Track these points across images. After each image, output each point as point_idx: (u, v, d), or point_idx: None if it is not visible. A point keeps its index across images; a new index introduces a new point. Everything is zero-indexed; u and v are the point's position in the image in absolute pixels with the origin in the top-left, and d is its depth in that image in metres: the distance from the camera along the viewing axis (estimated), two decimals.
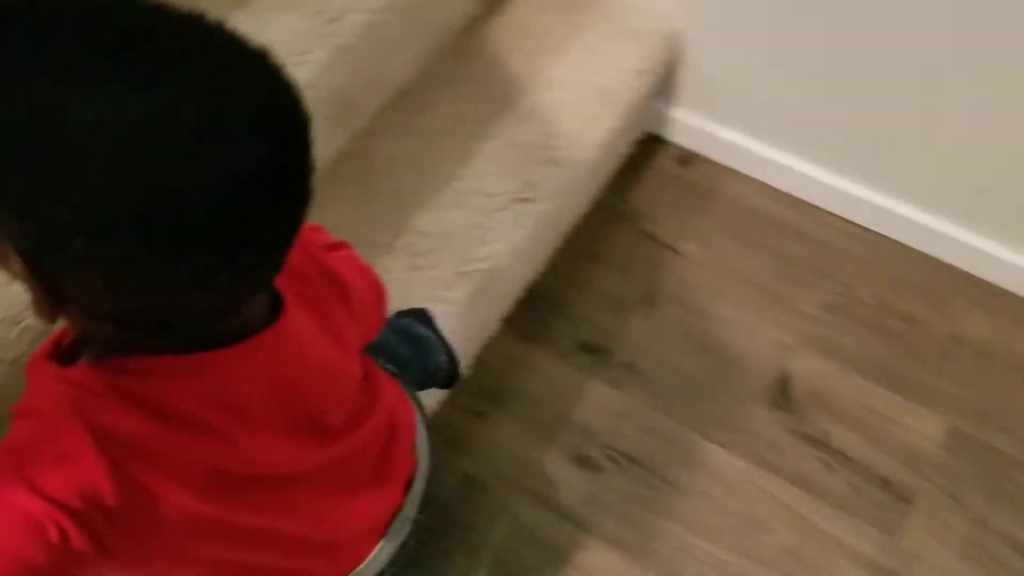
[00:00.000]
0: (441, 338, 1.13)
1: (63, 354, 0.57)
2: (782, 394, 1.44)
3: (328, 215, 1.26)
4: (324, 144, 1.32)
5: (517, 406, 1.42)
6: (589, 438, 1.39)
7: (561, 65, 1.46)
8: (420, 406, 0.94)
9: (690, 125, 1.67)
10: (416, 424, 0.88)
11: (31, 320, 0.86)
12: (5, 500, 0.50)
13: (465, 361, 1.41)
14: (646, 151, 1.71)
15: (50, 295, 0.50)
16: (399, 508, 0.82)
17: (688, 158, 1.71)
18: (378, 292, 0.84)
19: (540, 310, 1.51)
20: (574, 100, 1.42)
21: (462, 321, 1.23)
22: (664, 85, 1.60)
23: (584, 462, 1.37)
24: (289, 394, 0.62)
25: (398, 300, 1.20)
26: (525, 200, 1.31)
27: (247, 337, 0.58)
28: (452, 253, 1.26)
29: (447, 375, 1.15)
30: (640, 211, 1.64)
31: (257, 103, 0.48)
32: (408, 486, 0.84)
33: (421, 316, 1.14)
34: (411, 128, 1.38)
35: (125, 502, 0.52)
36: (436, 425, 1.38)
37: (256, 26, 1.13)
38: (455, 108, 1.40)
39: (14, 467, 0.51)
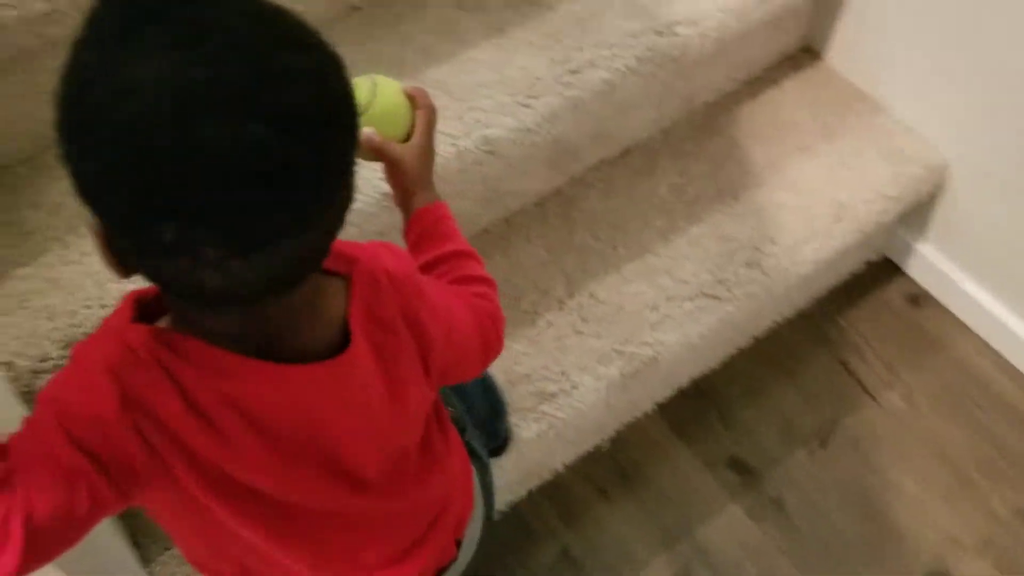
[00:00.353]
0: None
1: (146, 307, 0.58)
2: None
3: (520, 251, 1.26)
4: (535, 182, 1.33)
5: (644, 497, 1.35)
6: (705, 561, 1.28)
7: (803, 167, 1.35)
8: (485, 472, 0.90)
9: (932, 264, 1.50)
10: (470, 516, 0.84)
11: None
12: (46, 447, 0.53)
13: (605, 436, 1.36)
14: (876, 275, 1.55)
15: (110, 252, 0.52)
16: None
17: (920, 298, 1.53)
18: (485, 344, 0.77)
19: (701, 407, 1.42)
20: (805, 208, 1.31)
21: (605, 399, 1.17)
22: (914, 213, 1.45)
23: None
24: (320, 430, 0.61)
25: (545, 357, 1.18)
26: (714, 297, 1.23)
27: (304, 362, 0.58)
28: (619, 328, 1.20)
29: (501, 445, 1.12)
30: (849, 340, 1.49)
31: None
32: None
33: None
34: (624, 188, 1.34)
35: (144, 459, 0.54)
36: (555, 488, 1.34)
37: (499, 60, 1.15)
38: (675, 180, 1.34)
39: (54, 413, 0.53)
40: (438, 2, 1.22)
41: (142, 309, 0.58)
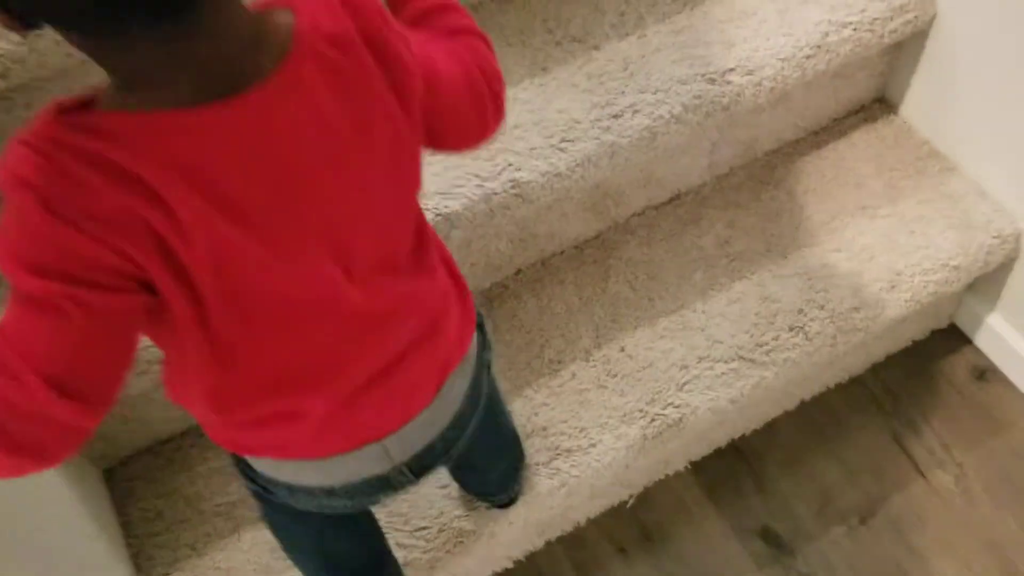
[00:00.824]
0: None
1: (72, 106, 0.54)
2: None
3: (551, 296, 1.22)
4: (574, 225, 1.28)
5: (664, 560, 1.29)
6: None
7: (861, 227, 1.27)
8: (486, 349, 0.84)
9: (1002, 337, 1.39)
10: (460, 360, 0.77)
11: None
12: (13, 298, 0.53)
13: (631, 491, 1.31)
14: (941, 343, 1.45)
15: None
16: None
17: (987, 373, 1.42)
18: (476, 99, 0.68)
19: (737, 470, 1.35)
20: (857, 273, 1.23)
21: (624, 460, 1.12)
22: (983, 282, 1.35)
23: None
24: (278, 176, 0.56)
25: (565, 410, 1.13)
26: (750, 361, 1.16)
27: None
28: (646, 386, 1.15)
29: (509, 501, 1.07)
30: (904, 411, 1.40)
31: None
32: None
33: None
34: (668, 237, 1.28)
35: (112, 257, 0.53)
36: (574, 540, 1.29)
37: (539, 100, 1.12)
38: (723, 232, 1.28)
39: (7, 251, 0.53)
40: None
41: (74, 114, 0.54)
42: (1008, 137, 1.23)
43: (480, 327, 0.83)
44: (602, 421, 1.13)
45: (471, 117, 0.70)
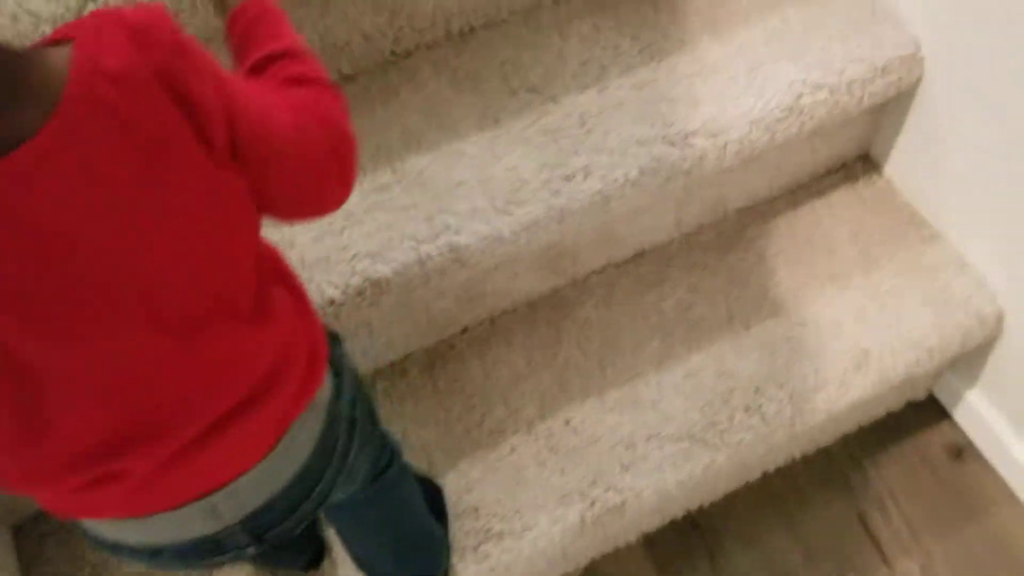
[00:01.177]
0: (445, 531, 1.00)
1: None
2: None
3: (498, 358, 1.15)
4: (526, 283, 1.21)
5: None
6: None
7: (831, 298, 1.19)
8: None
9: (982, 416, 1.31)
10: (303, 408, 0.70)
11: None
12: None
13: (577, 564, 1.24)
14: (917, 415, 1.37)
15: None
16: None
17: (964, 451, 1.34)
18: (305, 149, 0.61)
19: (692, 545, 1.28)
20: (823, 349, 1.15)
21: (559, 544, 1.05)
22: (966, 357, 1.27)
23: None
24: (46, 250, 0.50)
25: (500, 489, 1.06)
26: (701, 442, 1.09)
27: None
28: (588, 465, 1.08)
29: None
30: (872, 488, 1.32)
31: None
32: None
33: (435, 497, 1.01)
34: (626, 298, 1.21)
35: None
36: None
37: (487, 156, 1.04)
38: (684, 295, 1.20)
39: None
40: (436, 80, 1.12)
41: None
42: (995, 207, 1.15)
43: (337, 373, 0.75)
44: (539, 503, 1.05)
45: (306, 179, 0.62)
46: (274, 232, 0.83)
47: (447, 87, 1.11)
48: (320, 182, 0.63)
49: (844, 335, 1.15)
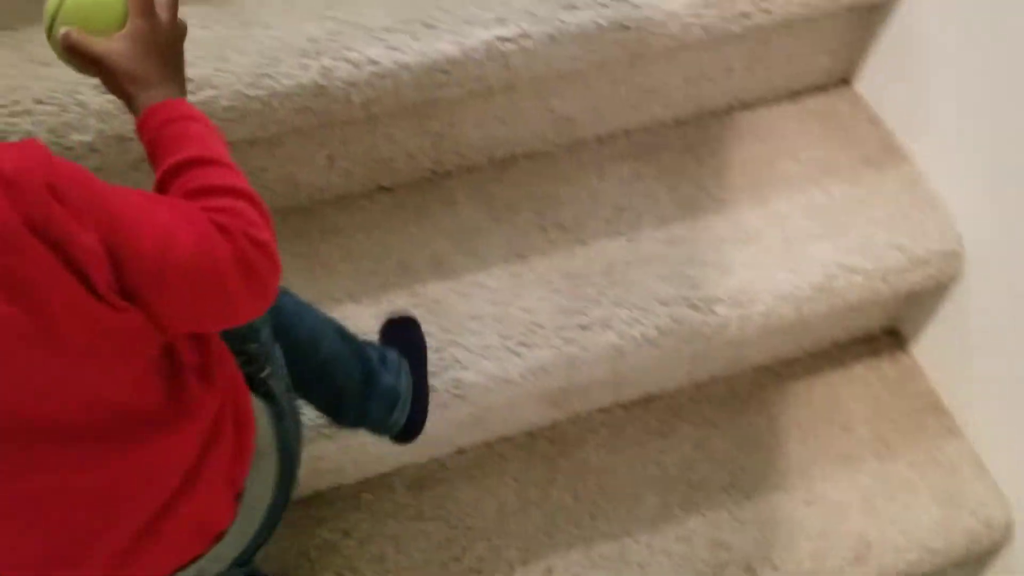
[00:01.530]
0: (417, 384, 0.96)
1: None
2: None
3: (489, 488, 1.12)
4: (527, 414, 1.18)
5: None
6: None
7: (839, 480, 1.15)
8: (282, 419, 0.75)
9: None
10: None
11: None
12: None
13: None
14: None
15: None
16: None
17: None
18: (209, 266, 0.57)
19: None
20: (825, 534, 1.11)
21: None
22: (968, 561, 1.21)
23: None
24: None
25: None
26: None
27: None
28: None
29: (402, 432, 0.97)
30: None
31: None
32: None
33: (410, 343, 0.97)
34: (629, 445, 1.18)
35: None
36: None
37: (507, 292, 1.03)
38: (688, 452, 1.17)
39: None
40: (471, 204, 1.11)
41: None
42: (1021, 418, 1.11)
43: (269, 396, 0.74)
44: None
45: (210, 299, 0.59)
46: None
47: (481, 213, 1.11)
48: (226, 299, 0.59)
49: (848, 522, 1.11)
